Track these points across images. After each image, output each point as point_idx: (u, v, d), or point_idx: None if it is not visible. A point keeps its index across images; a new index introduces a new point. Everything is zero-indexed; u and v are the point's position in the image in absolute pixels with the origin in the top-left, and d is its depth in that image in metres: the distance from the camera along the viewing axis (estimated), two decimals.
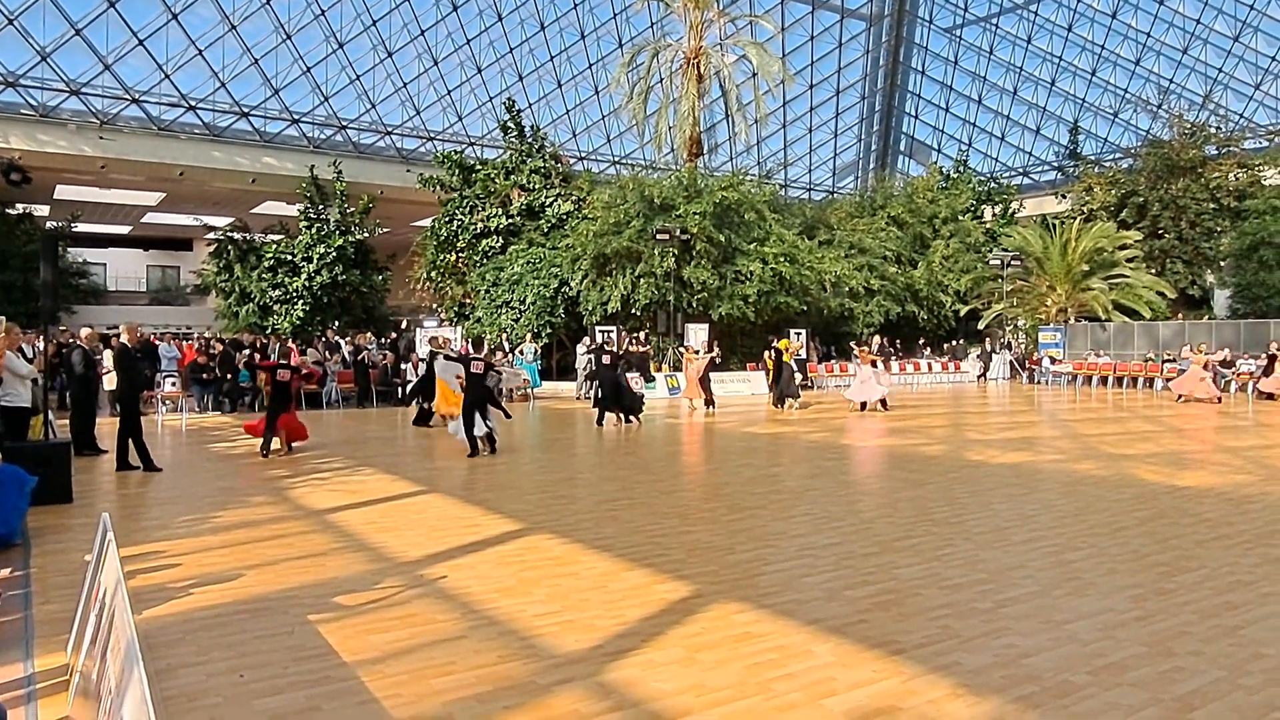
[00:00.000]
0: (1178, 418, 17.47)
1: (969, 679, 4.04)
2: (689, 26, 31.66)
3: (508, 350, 23.74)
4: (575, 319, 27.70)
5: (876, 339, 19.80)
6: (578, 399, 22.73)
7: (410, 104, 34.93)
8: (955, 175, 39.61)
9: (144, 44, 27.94)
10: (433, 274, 31.59)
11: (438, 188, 31.31)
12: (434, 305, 34.16)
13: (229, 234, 30.44)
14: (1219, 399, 21.33)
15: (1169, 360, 26.00)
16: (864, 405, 18.75)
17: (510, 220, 30.43)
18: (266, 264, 29.51)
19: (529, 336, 25.10)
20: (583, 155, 40.19)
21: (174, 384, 18.14)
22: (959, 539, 6.88)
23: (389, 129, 34.67)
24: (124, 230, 42.72)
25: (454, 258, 31.14)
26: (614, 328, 25.40)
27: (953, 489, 9.18)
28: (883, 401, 18.71)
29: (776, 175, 43.36)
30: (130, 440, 10.33)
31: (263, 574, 5.83)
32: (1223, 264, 31.73)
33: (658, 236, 24.62)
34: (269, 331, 27.71)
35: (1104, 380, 27.78)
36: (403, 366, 21.99)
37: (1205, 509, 8.09)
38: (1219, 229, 31.77)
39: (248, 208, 34.88)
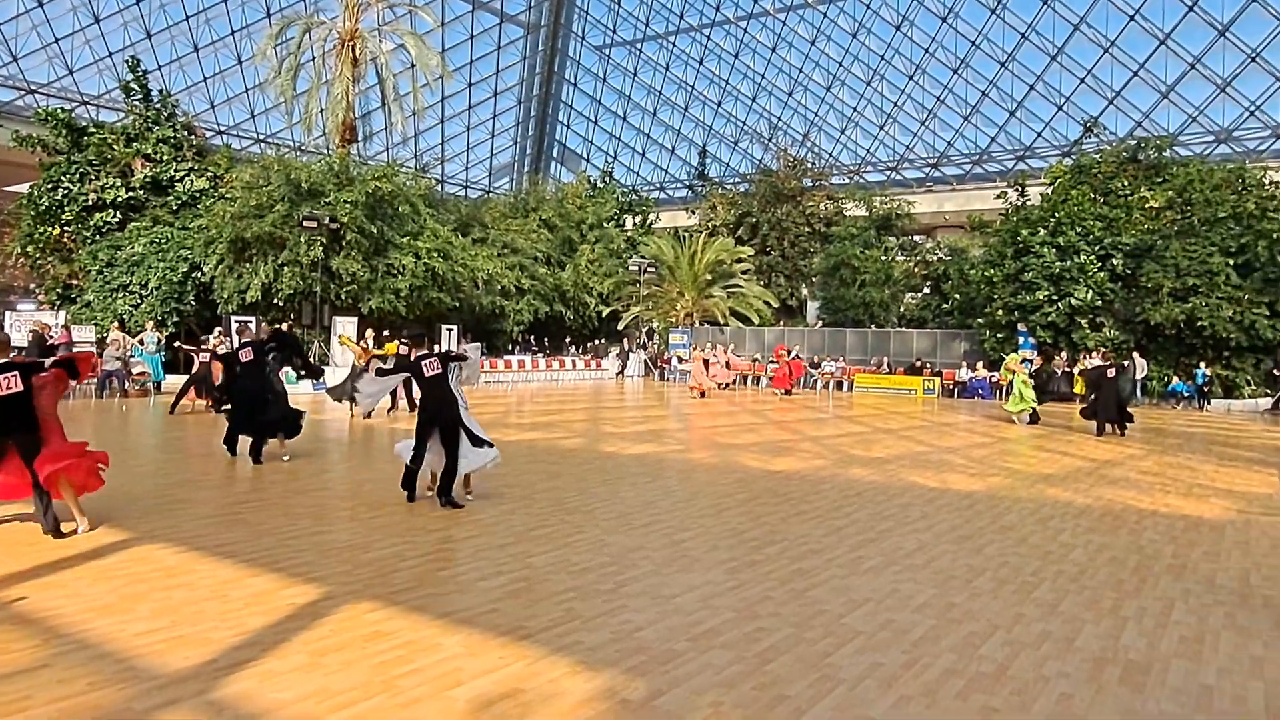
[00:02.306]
0: (776, 411, 20.19)
1: (587, 656, 4.37)
2: (345, 6, 30.21)
3: (126, 339, 20.89)
4: (208, 307, 25.18)
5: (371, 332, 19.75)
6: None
7: (5, 48, 29.32)
8: (601, 185, 42.06)
9: None
10: (30, 249, 26.77)
11: (39, 148, 26.64)
12: (31, 285, 29.03)
13: None
14: (704, 392, 24.62)
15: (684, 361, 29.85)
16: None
17: (131, 193, 26.81)
18: None
19: (150, 325, 22.30)
20: (221, 129, 36.63)
21: None
22: (589, 526, 7.39)
23: None
24: None
25: (58, 231, 26.69)
26: (253, 318, 23.46)
27: (586, 479, 9.82)
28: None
29: (433, 170, 42.87)
30: None
31: None
32: (814, 280, 37.24)
33: (304, 223, 23.20)
34: None
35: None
36: None
37: (790, 489, 9.48)
38: (812, 250, 37.22)
39: None
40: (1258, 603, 5.69)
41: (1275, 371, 23.84)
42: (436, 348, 8.56)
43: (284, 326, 23.60)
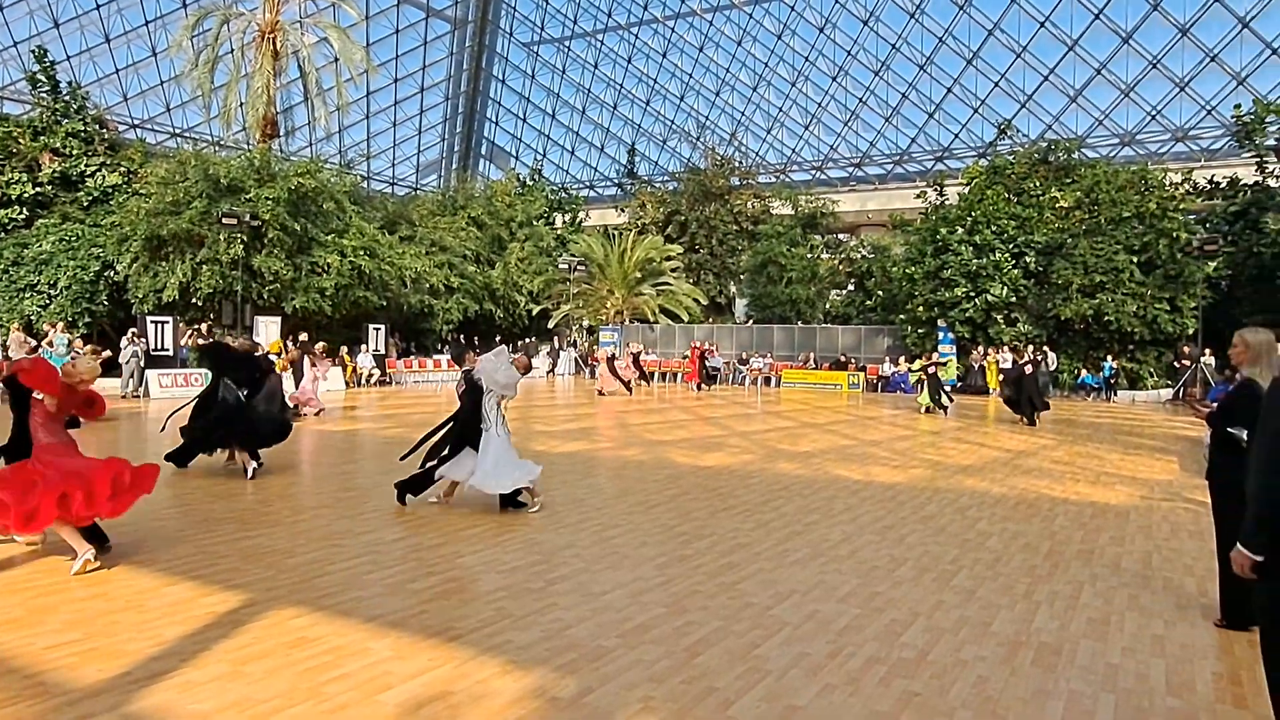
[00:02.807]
0: (705, 407, 20.39)
1: (518, 655, 4.37)
2: None
3: (23, 339, 19.95)
4: (122, 307, 24.27)
5: (304, 336, 19.20)
6: (123, 397, 19.94)
7: None
8: (531, 183, 41.85)
9: None
10: None
11: None
12: None
13: None
14: (630, 388, 24.18)
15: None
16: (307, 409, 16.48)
17: (39, 189, 25.67)
18: None
19: (60, 326, 21.34)
20: (135, 123, 35.27)
21: None
22: (518, 525, 7.37)
23: None
24: None
25: None
26: (170, 318, 22.74)
27: None
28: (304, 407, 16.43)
29: (358, 166, 42.04)
30: None
31: None
32: (742, 277, 37.72)
33: (224, 221, 22.58)
34: None
35: (653, 375, 31.38)
36: None
37: (719, 484, 9.61)
38: (739, 248, 37.70)
39: None
40: (1159, 584, 6.00)
41: (1176, 364, 25.07)
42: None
43: (203, 328, 22.98)
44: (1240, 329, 5.03)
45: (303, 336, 19.77)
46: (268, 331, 24.00)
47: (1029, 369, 17.72)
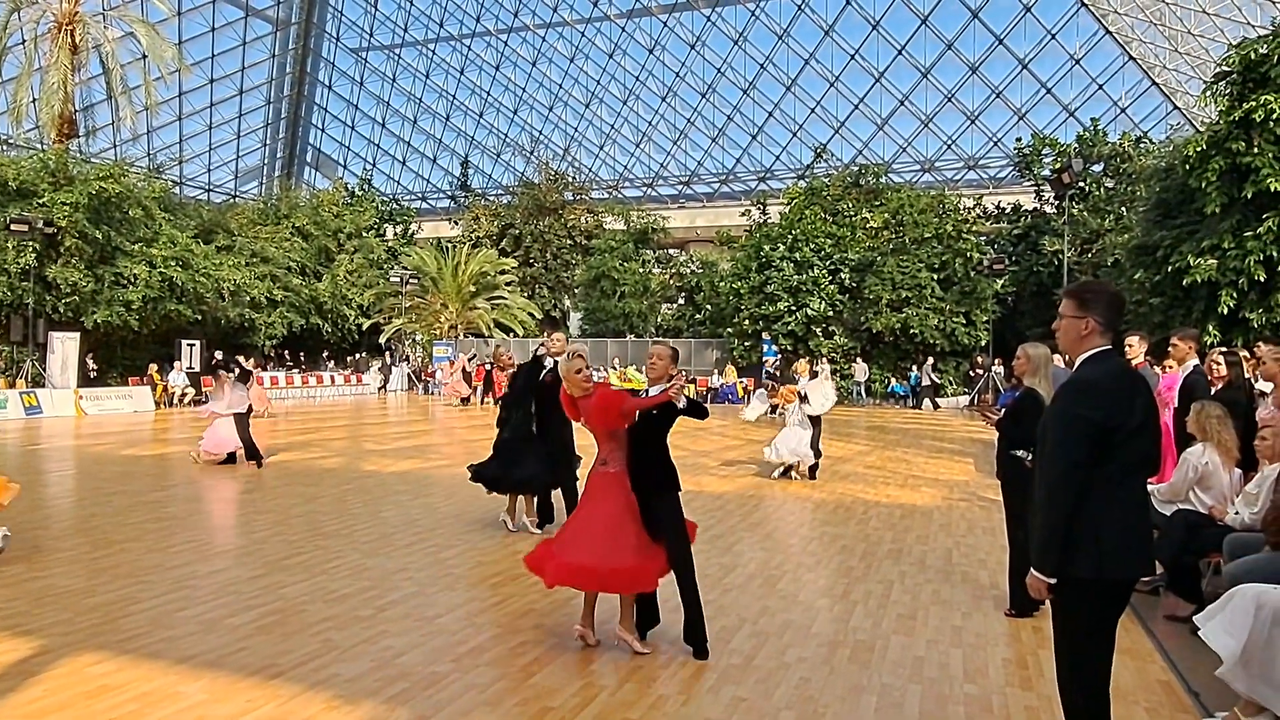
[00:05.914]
0: None
1: (346, 688, 4.22)
2: None
3: None
4: None
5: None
6: None
7: None
8: (360, 193, 40.51)
9: None
10: None
11: None
12: None
13: None
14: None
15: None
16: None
17: None
18: None
19: None
20: None
21: None
22: (348, 550, 7.11)
23: None
24: None
25: None
26: None
27: (346, 500, 9.43)
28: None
29: (170, 170, 39.19)
30: None
31: None
32: (576, 291, 38.01)
33: (13, 227, 20.67)
34: None
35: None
36: None
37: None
38: (574, 262, 38.00)
39: None
40: (958, 579, 6.55)
41: (971, 373, 27.39)
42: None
43: None
44: (1023, 343, 5.64)
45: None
46: (64, 348, 22.00)
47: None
